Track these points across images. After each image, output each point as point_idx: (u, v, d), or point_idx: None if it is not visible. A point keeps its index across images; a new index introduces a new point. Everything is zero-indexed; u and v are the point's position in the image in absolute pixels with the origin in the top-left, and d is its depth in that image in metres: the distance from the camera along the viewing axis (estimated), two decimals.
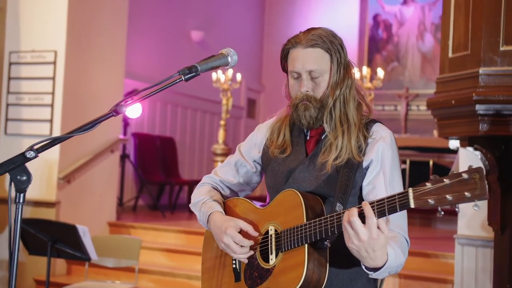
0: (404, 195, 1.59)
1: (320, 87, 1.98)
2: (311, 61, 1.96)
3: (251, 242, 1.92)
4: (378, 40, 11.51)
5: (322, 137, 2.03)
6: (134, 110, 7.64)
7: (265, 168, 2.14)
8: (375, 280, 2.04)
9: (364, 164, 1.96)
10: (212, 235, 2.10)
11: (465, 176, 1.50)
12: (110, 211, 6.46)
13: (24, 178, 1.42)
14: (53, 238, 4.00)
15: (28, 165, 5.70)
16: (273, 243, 1.90)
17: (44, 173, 5.69)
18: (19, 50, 5.86)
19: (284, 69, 2.08)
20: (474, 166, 1.51)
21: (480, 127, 2.97)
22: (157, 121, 8.93)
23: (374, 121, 2.04)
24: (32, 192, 5.66)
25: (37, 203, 5.65)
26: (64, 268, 5.81)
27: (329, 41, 1.98)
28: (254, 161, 2.19)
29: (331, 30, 2.03)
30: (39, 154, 1.43)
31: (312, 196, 1.90)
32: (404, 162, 8.90)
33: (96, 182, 6.17)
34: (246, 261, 1.97)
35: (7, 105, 5.88)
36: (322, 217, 1.78)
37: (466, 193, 1.49)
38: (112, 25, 6.35)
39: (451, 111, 3.15)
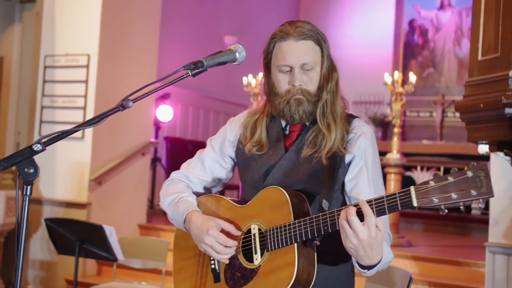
0: (406, 194, 1.57)
1: (313, 80, 1.95)
2: (305, 53, 1.92)
3: (234, 242, 1.86)
4: (414, 46, 11.36)
5: (304, 131, 1.99)
6: (165, 114, 7.70)
7: (240, 164, 2.08)
8: (353, 277, 2.02)
9: (347, 159, 1.93)
10: (184, 234, 2.04)
11: (470, 174, 1.48)
12: (141, 213, 6.52)
13: (32, 170, 1.44)
14: (81, 238, 4.06)
15: (61, 167, 5.75)
16: (257, 242, 1.85)
17: (76, 174, 5.78)
18: (54, 54, 5.97)
19: (267, 64, 2.00)
20: (476, 164, 1.49)
21: (509, 131, 2.91)
22: (190, 125, 9.00)
23: (353, 116, 2.02)
24: (64, 193, 5.77)
25: (69, 204, 5.74)
26: (94, 269, 5.88)
27: (317, 34, 1.95)
28: (228, 156, 2.13)
29: (311, 23, 1.99)
30: (47, 148, 1.44)
31: (296, 193, 1.86)
32: (438, 169, 8.76)
33: (127, 185, 6.24)
34: (227, 261, 1.91)
35: (42, 107, 6.00)
36: (314, 216, 1.75)
37: (472, 191, 1.47)
38: (145, 29, 6.43)
39: (479, 115, 3.09)
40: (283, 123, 2.03)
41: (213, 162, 2.13)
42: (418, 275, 4.96)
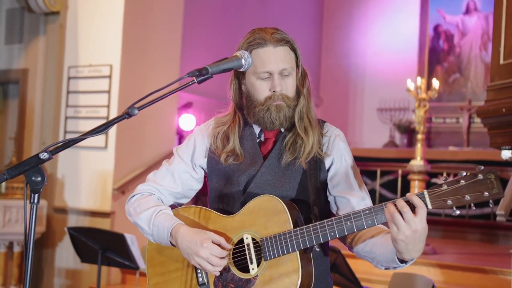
0: (420, 197, 1.62)
1: (291, 85, 1.95)
2: (283, 59, 1.92)
3: (226, 253, 1.83)
4: (439, 52, 11.23)
5: (280, 138, 1.97)
6: (187, 123, 7.74)
7: (214, 173, 2.02)
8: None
9: (327, 163, 1.95)
10: (159, 249, 1.99)
11: (480, 176, 1.58)
12: None
13: (39, 179, 1.44)
14: (103, 247, 4.09)
15: (85, 176, 5.81)
16: (253, 252, 1.82)
17: (99, 184, 5.83)
18: (77, 65, 6.06)
19: (238, 71, 1.98)
20: (483, 168, 1.59)
21: None
22: None
23: (322, 120, 2.03)
24: (88, 203, 5.82)
25: (93, 213, 5.80)
26: (119, 277, 5.92)
27: (290, 39, 1.96)
28: (199, 166, 2.06)
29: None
30: (54, 156, 1.45)
31: (288, 201, 1.84)
32: None
33: None
34: (218, 273, 1.85)
35: (66, 117, 6.08)
36: (318, 222, 1.74)
37: (485, 193, 1.58)
38: (167, 39, 6.48)
39: (502, 120, 3.05)
40: (257, 131, 2.01)
41: (183, 173, 2.05)
42: (443, 283, 4.88)
